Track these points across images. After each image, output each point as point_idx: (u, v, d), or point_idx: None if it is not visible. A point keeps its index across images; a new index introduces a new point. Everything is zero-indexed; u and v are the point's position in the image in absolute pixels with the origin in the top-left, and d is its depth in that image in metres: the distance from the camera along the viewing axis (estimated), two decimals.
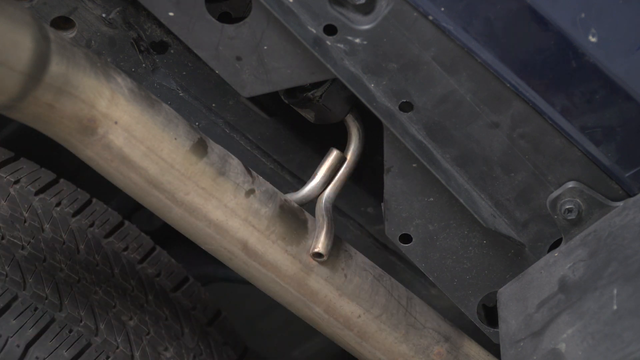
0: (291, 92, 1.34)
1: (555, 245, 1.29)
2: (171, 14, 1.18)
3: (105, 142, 1.16)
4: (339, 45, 1.17)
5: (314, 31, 1.16)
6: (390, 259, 1.67)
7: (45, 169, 1.63)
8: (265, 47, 1.19)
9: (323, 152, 1.38)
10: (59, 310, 1.44)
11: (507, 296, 1.30)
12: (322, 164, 1.37)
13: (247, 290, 1.76)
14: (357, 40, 1.17)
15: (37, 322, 1.40)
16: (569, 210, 1.24)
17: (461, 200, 1.25)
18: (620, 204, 1.23)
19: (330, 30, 1.17)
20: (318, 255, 1.31)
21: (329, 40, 1.17)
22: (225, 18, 1.28)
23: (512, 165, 1.23)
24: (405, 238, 1.33)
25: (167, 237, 1.80)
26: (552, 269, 1.24)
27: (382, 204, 1.33)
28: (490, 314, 1.41)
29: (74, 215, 1.61)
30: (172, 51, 1.46)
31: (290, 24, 1.16)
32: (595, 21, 1.15)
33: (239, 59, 1.21)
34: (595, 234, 1.22)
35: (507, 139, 1.22)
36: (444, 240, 1.32)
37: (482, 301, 1.38)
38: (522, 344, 1.19)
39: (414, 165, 1.26)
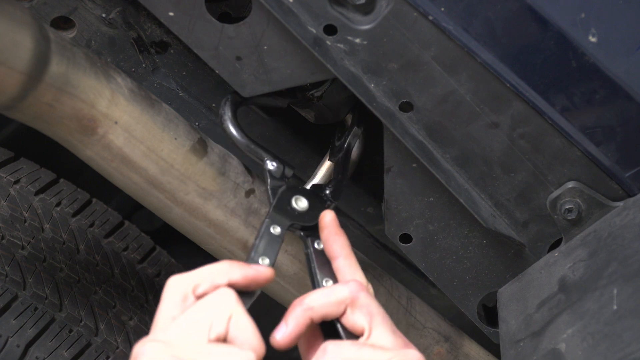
0: (291, 92, 1.33)
1: (555, 245, 1.29)
2: (171, 14, 1.17)
3: (105, 142, 1.16)
4: (339, 45, 1.17)
5: (314, 31, 1.16)
6: (390, 259, 1.67)
7: (45, 169, 1.63)
8: (265, 47, 1.19)
9: (323, 152, 1.38)
10: (59, 310, 1.44)
11: (507, 296, 1.30)
12: (322, 164, 1.37)
13: None
14: (357, 40, 1.17)
15: (37, 322, 1.40)
16: (569, 210, 1.24)
17: (461, 200, 1.25)
18: (620, 204, 1.23)
19: (330, 30, 1.16)
20: None
21: (329, 40, 1.17)
22: (226, 18, 1.28)
23: (512, 165, 1.23)
24: (405, 238, 1.33)
25: (167, 237, 1.80)
26: (552, 269, 1.24)
27: (382, 204, 1.33)
28: (490, 314, 1.41)
29: (74, 215, 1.60)
30: (172, 51, 1.45)
31: (290, 24, 1.16)
32: (595, 21, 1.15)
33: (239, 59, 1.20)
34: (595, 234, 1.22)
35: (507, 139, 1.21)
36: (444, 240, 1.32)
37: (482, 301, 1.38)
38: (522, 344, 1.19)
39: (414, 165, 1.26)
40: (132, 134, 1.17)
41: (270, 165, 1.22)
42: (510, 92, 1.18)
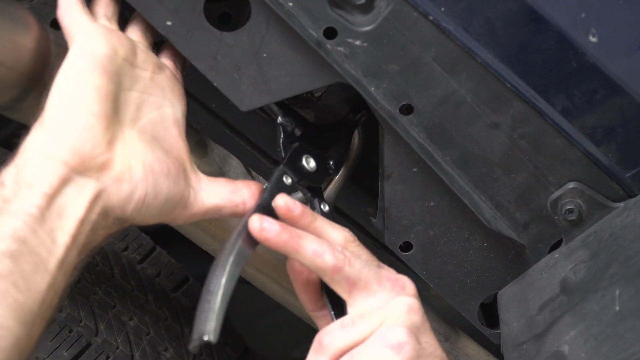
0: None
1: (556, 246, 1.29)
2: (169, 23, 1.15)
3: None
4: (339, 48, 1.16)
5: (314, 34, 1.15)
6: (390, 259, 1.66)
7: None
8: (264, 55, 1.17)
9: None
10: (59, 310, 1.44)
11: (508, 298, 1.30)
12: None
13: (247, 290, 1.76)
14: (357, 42, 1.16)
15: None
16: (570, 211, 1.24)
17: (465, 202, 1.24)
18: (621, 204, 1.22)
19: (330, 33, 1.15)
20: None
21: (329, 44, 1.16)
22: (226, 18, 1.27)
23: (512, 166, 1.23)
24: (406, 246, 1.32)
25: (167, 237, 1.80)
26: (553, 270, 1.24)
27: (372, 218, 1.33)
28: (489, 313, 1.41)
29: None
30: None
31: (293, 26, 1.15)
32: (595, 21, 1.15)
33: (238, 68, 1.18)
34: (596, 235, 1.21)
35: (508, 140, 1.21)
36: (444, 245, 1.31)
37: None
38: (525, 347, 1.19)
39: (415, 169, 1.25)
40: None
41: (283, 120, 1.24)
42: (510, 92, 1.18)
